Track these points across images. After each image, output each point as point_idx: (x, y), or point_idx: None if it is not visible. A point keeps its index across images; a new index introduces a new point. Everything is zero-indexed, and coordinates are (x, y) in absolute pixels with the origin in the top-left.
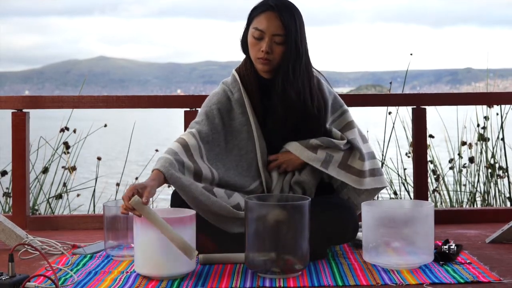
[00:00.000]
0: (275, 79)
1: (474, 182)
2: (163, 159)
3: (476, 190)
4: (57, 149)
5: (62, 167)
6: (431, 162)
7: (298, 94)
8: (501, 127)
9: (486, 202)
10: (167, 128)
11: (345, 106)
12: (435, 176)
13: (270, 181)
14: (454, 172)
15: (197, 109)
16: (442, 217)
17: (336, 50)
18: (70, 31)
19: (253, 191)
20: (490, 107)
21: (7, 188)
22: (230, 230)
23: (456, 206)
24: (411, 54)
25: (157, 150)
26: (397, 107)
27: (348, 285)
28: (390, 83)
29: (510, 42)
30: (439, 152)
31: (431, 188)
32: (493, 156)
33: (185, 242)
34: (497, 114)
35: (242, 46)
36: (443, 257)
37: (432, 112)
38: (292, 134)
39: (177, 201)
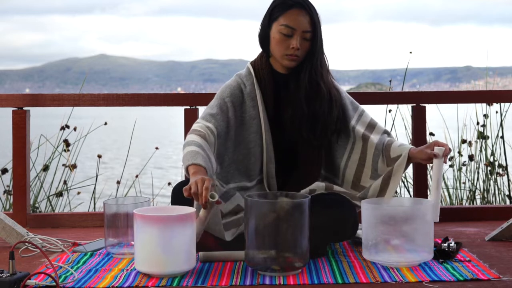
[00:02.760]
0: (295, 73)
1: (473, 180)
2: (200, 154)
3: (476, 188)
4: (57, 147)
5: (63, 165)
6: None
7: (326, 85)
8: (501, 125)
9: (486, 200)
10: (167, 126)
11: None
12: None
13: (271, 176)
14: (453, 170)
15: (197, 107)
16: (442, 215)
17: (336, 48)
18: (71, 29)
19: (255, 186)
20: (489, 105)
21: (7, 186)
22: (225, 237)
23: (456, 204)
24: (410, 52)
25: (157, 148)
26: (397, 105)
27: (348, 283)
28: (390, 81)
29: (510, 40)
30: None
31: (431, 185)
32: (492, 154)
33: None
34: (497, 112)
35: (261, 42)
36: (442, 254)
37: (432, 110)
38: (311, 126)
39: (177, 199)
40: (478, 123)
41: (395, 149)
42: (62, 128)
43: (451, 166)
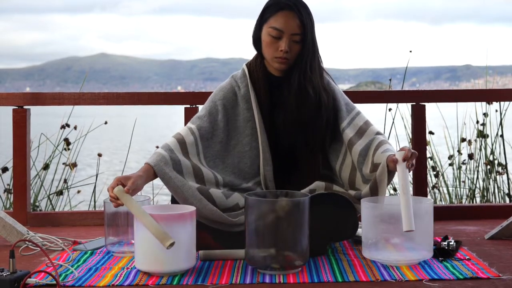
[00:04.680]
0: (289, 76)
1: (473, 179)
2: (157, 154)
3: (475, 187)
4: (57, 145)
5: (63, 163)
6: (431, 158)
7: (315, 90)
8: (500, 123)
9: (485, 198)
10: (167, 125)
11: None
12: (434, 173)
13: (269, 179)
14: (453, 169)
15: (197, 105)
16: (442, 214)
17: (336, 47)
18: (71, 28)
19: (251, 189)
20: (489, 104)
21: (8, 185)
22: (227, 229)
23: (456, 202)
24: (410, 51)
25: (157, 147)
26: (396, 103)
27: (348, 281)
28: (390, 80)
29: (509, 39)
30: (439, 148)
31: (430, 184)
32: (492, 152)
33: (160, 230)
34: (496, 110)
35: (254, 43)
36: (442, 253)
37: (432, 109)
38: (302, 131)
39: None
40: (477, 122)
41: (379, 155)
42: (63, 127)
43: (450, 165)
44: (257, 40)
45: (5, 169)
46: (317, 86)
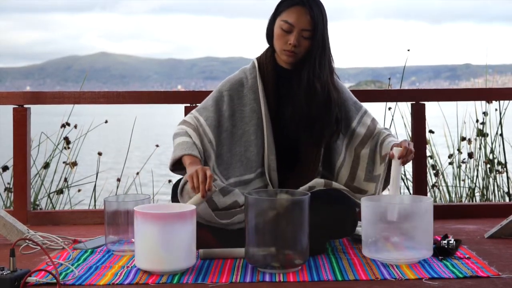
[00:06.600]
0: (298, 71)
1: (473, 178)
2: (196, 147)
3: (475, 186)
4: (58, 144)
5: (63, 162)
6: (431, 157)
7: (323, 86)
8: (500, 122)
9: (485, 197)
10: (168, 124)
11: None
12: (434, 172)
13: (273, 169)
14: (453, 168)
15: (197, 104)
16: (441, 212)
17: (336, 46)
18: (71, 27)
19: (255, 178)
20: (489, 103)
21: (8, 183)
22: (223, 227)
23: (455, 201)
24: (408, 50)
25: (157, 146)
26: (396, 102)
27: (348, 280)
28: (389, 78)
29: (509, 38)
30: (439, 147)
31: (430, 183)
32: (492, 151)
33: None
34: (496, 109)
35: (267, 36)
36: (442, 252)
37: (432, 108)
38: (309, 125)
39: (177, 196)
40: (477, 121)
41: (385, 147)
42: (63, 126)
43: (450, 163)
44: (270, 32)
45: (5, 168)
46: (325, 83)
